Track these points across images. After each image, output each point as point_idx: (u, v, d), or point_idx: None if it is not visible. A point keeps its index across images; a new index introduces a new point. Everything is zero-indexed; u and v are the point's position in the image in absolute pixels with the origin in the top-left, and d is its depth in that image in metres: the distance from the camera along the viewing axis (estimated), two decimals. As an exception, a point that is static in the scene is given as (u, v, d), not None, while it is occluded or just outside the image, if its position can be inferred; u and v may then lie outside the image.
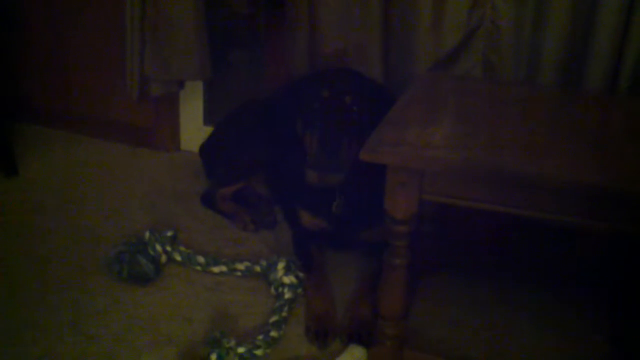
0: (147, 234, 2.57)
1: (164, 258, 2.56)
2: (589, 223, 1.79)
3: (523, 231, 2.65)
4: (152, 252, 2.52)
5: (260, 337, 2.18)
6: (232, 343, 2.09)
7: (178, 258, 2.59)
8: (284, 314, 2.30)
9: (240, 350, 2.10)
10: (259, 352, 2.13)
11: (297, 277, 2.44)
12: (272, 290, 2.44)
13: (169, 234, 2.61)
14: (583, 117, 2.20)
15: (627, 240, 2.40)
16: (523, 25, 2.64)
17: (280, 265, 2.45)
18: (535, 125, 2.10)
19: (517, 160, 1.80)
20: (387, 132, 1.96)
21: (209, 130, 3.27)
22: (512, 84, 2.64)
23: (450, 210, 2.33)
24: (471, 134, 1.96)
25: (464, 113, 2.17)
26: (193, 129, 3.59)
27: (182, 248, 2.62)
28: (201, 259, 2.57)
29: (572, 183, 1.72)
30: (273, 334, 2.20)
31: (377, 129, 1.97)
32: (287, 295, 2.37)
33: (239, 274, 2.55)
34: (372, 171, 1.93)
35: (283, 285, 2.41)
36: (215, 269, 2.56)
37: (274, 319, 2.27)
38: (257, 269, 2.54)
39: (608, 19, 2.45)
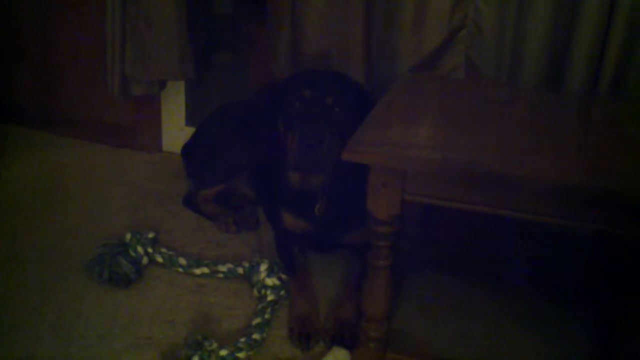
0: (128, 236, 2.56)
1: (145, 260, 2.54)
2: (572, 224, 1.79)
3: (510, 232, 2.65)
4: (133, 254, 2.51)
5: (243, 339, 2.16)
6: (214, 345, 2.08)
7: (159, 260, 2.57)
8: (266, 316, 2.29)
9: (223, 352, 2.09)
10: (241, 354, 2.12)
11: (280, 279, 2.43)
12: (255, 292, 2.43)
13: (151, 235, 2.59)
14: (565, 118, 2.20)
15: (617, 244, 2.41)
16: (505, 27, 2.64)
17: (263, 267, 2.44)
18: (518, 125, 2.09)
19: (499, 161, 1.80)
20: (369, 132, 1.95)
21: (191, 131, 3.25)
22: (495, 84, 2.64)
23: (434, 211, 2.33)
24: (453, 135, 1.96)
25: (446, 113, 2.16)
26: (175, 129, 3.58)
27: (163, 250, 2.60)
28: (183, 261, 2.56)
29: (554, 183, 1.71)
30: (256, 336, 2.19)
31: (359, 129, 1.96)
32: (270, 298, 2.37)
33: (221, 275, 2.54)
34: (355, 172, 1.93)
35: (266, 287, 2.40)
36: (197, 271, 2.55)
37: (256, 321, 2.26)
38: (240, 270, 2.52)
39: (589, 21, 2.46)
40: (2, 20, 3.63)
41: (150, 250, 2.56)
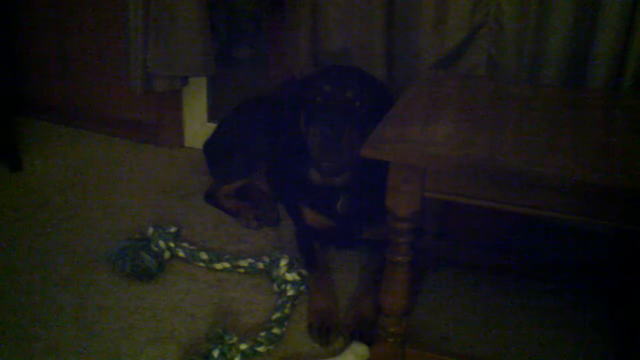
0: (150, 230, 2.58)
1: (167, 254, 2.56)
2: (591, 221, 1.79)
3: (527, 229, 2.65)
4: (155, 248, 2.53)
5: (263, 333, 2.18)
6: (235, 339, 2.09)
7: (181, 254, 2.59)
8: (286, 310, 2.30)
9: (243, 346, 2.10)
10: (261, 348, 2.13)
11: (300, 274, 2.43)
12: (275, 287, 2.44)
13: (172, 230, 2.61)
14: (586, 115, 2.19)
15: (628, 239, 2.40)
16: (527, 24, 2.63)
17: (283, 262, 2.45)
18: (538, 123, 2.09)
19: (519, 158, 1.80)
20: (389, 128, 1.96)
21: (212, 127, 3.27)
22: (515, 82, 2.64)
23: (454, 207, 2.34)
24: (473, 132, 1.96)
25: (466, 111, 2.16)
26: (197, 125, 3.60)
27: (185, 244, 2.62)
28: (204, 256, 2.57)
29: (574, 181, 1.71)
30: (275, 330, 2.20)
31: (379, 126, 1.97)
32: (290, 292, 2.38)
33: (242, 270, 2.55)
34: (376, 168, 1.93)
35: (286, 282, 2.41)
36: (218, 266, 2.56)
37: (276, 315, 2.27)
38: (260, 265, 2.53)
39: (611, 17, 2.45)
40: (23, 16, 3.66)
41: (172, 244, 2.57)
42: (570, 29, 2.57)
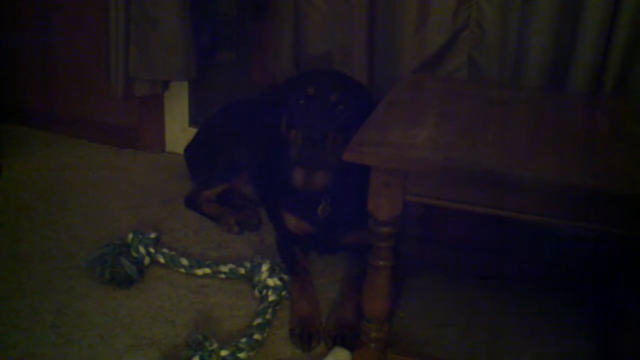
0: (130, 236, 2.56)
1: (147, 260, 2.54)
2: (573, 225, 1.78)
3: (512, 233, 2.65)
4: (135, 254, 2.51)
5: (244, 339, 2.16)
6: (215, 346, 2.08)
7: (161, 260, 2.57)
8: (267, 316, 2.28)
9: (223, 353, 2.08)
10: (242, 355, 2.12)
11: (281, 279, 2.42)
12: (256, 292, 2.42)
13: (152, 235, 2.59)
14: (568, 118, 2.19)
15: (617, 243, 2.40)
16: (508, 27, 2.64)
17: (265, 268, 2.43)
18: (520, 126, 2.09)
19: (501, 162, 1.79)
20: (370, 132, 1.95)
21: (194, 131, 3.26)
22: (497, 85, 2.64)
23: (436, 211, 2.33)
24: (455, 135, 1.95)
25: (448, 114, 2.15)
26: (178, 130, 3.58)
27: (165, 250, 2.60)
28: (185, 261, 2.56)
29: (556, 184, 1.71)
30: (257, 336, 2.18)
31: (360, 130, 1.96)
32: (271, 298, 2.36)
33: (222, 276, 2.54)
34: (358, 173, 1.92)
35: (267, 287, 2.39)
36: (199, 272, 2.54)
37: (257, 321, 2.26)
38: (241, 271, 2.52)
39: (593, 20, 2.46)
40: (3, 21, 3.63)
41: (152, 250, 2.56)
42: (552, 32, 2.57)
